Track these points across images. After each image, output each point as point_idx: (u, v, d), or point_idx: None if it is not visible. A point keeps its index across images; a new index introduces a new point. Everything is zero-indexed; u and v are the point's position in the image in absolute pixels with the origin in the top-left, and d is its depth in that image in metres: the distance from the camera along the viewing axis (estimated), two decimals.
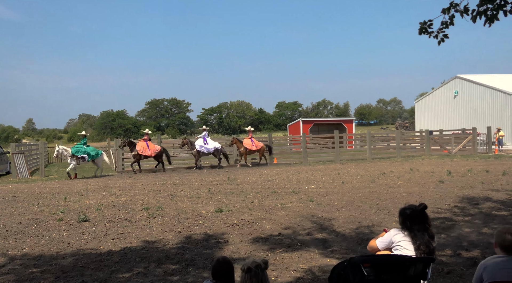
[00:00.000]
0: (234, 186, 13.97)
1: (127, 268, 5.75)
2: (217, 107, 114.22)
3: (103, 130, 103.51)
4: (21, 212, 10.05)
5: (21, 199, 12.45)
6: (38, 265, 5.94)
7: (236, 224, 8.18)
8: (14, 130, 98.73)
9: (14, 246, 7.04)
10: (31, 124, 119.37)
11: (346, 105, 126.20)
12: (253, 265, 3.01)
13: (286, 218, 8.70)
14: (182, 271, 5.55)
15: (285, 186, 13.51)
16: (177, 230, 7.88)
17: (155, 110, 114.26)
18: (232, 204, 10.34)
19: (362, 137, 32.71)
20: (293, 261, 5.82)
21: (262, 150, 23.35)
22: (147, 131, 22.12)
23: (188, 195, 11.99)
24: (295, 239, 7.01)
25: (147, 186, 14.48)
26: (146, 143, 21.12)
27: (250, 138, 23.09)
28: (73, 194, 12.91)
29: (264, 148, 23.48)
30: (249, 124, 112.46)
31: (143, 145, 20.95)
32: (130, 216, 9.18)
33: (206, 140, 22.22)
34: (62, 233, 7.84)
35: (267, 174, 17.84)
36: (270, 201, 10.68)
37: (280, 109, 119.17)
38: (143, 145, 20.94)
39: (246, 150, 22.67)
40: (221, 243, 6.94)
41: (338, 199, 10.79)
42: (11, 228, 8.36)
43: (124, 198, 11.66)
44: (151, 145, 21.32)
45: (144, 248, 6.75)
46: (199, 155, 22.14)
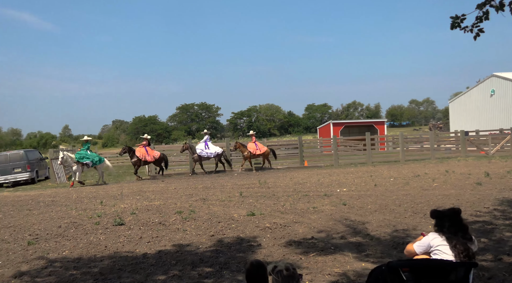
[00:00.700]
0: (265, 189, 13.98)
1: (163, 270, 5.84)
2: (247, 111, 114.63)
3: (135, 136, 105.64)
4: (60, 216, 10.38)
5: (59, 203, 12.86)
6: (78, 268, 6.12)
7: (269, 228, 8.18)
8: (51, 137, 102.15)
9: (54, 249, 7.28)
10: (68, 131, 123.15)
11: (377, 107, 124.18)
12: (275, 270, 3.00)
13: (319, 221, 8.63)
14: (216, 274, 5.59)
15: (316, 189, 13.41)
16: (210, 234, 7.94)
17: (186, 115, 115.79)
18: (264, 208, 10.35)
19: (394, 139, 32.09)
20: (327, 265, 5.77)
21: (266, 154, 23.15)
22: (145, 136, 22.09)
23: (220, 199, 12.08)
24: (328, 242, 6.95)
25: (180, 190, 14.67)
26: (145, 149, 21.15)
27: (254, 142, 22.93)
28: (109, 198, 13.23)
29: (268, 152, 23.27)
30: (278, 127, 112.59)
31: (142, 151, 20.97)
32: (164, 219, 9.32)
33: (207, 145, 22.19)
34: (99, 236, 8.05)
35: (298, 177, 17.75)
36: (302, 204, 10.62)
37: (309, 112, 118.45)
38: (142, 151, 20.96)
39: (250, 154, 22.51)
40: (254, 246, 6.95)
41: (371, 202, 10.62)
42: (51, 231, 8.65)
43: (157, 202, 11.86)
44: (150, 151, 21.37)
45: (178, 251, 6.84)
46: (201, 159, 22.10)
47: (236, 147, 23.13)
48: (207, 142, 22.27)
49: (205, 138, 22.38)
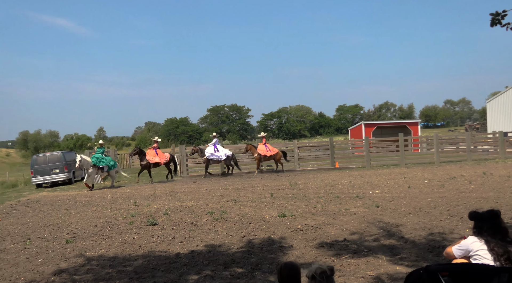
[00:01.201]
0: (296, 190, 13.91)
1: (195, 270, 5.91)
2: (277, 112, 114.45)
3: (167, 137, 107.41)
4: (96, 216, 10.66)
5: (95, 203, 13.22)
6: (113, 266, 6.27)
7: (300, 229, 8.14)
8: (87, 138, 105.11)
9: (91, 247, 7.48)
10: (102, 133, 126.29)
11: (410, 107, 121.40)
12: (317, 272, 2.97)
13: (351, 223, 8.52)
14: (248, 275, 5.60)
15: (348, 191, 13.24)
16: (241, 234, 7.97)
17: (216, 116, 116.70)
18: (295, 209, 10.30)
19: (428, 140, 31.30)
20: (360, 268, 5.68)
21: (278, 156, 22.86)
22: (156, 139, 21.97)
23: (251, 200, 12.11)
24: (361, 245, 6.84)
25: (211, 191, 14.80)
26: (155, 151, 20.96)
27: (264, 144, 22.63)
28: (142, 199, 13.49)
29: (280, 154, 22.96)
30: (309, 128, 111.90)
31: (153, 153, 20.79)
32: (195, 220, 9.42)
33: (216, 147, 21.85)
34: (134, 236, 8.22)
35: (329, 178, 17.59)
36: (333, 206, 10.51)
37: (340, 113, 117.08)
38: (152, 153, 20.78)
39: (260, 156, 22.25)
40: (286, 247, 6.93)
41: (405, 204, 10.39)
42: (87, 230, 8.90)
43: (189, 203, 12.00)
44: (160, 153, 21.18)
45: (210, 251, 6.90)
46: (209, 162, 21.85)
47: (247, 149, 22.97)
48: (216, 145, 21.96)
49: (214, 141, 22.10)
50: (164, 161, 20.89)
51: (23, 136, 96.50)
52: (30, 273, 6.18)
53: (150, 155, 20.64)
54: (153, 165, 20.72)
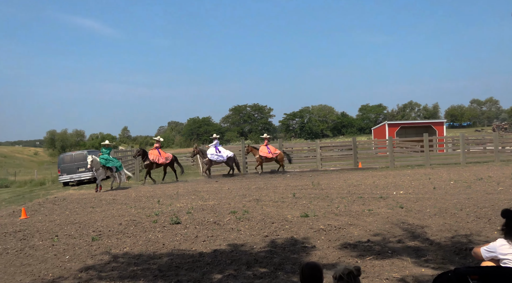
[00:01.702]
0: (319, 190, 13.84)
1: (218, 269, 5.94)
2: (299, 112, 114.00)
3: (190, 137, 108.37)
4: (120, 214, 10.85)
5: (120, 201, 13.44)
6: (138, 264, 6.37)
7: (323, 229, 8.09)
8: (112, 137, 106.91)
9: (116, 245, 7.61)
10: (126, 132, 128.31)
11: (435, 107, 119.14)
12: (345, 273, 2.95)
13: (375, 224, 8.42)
14: (271, 275, 5.60)
15: (371, 191, 13.09)
16: (264, 234, 7.98)
17: (238, 116, 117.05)
18: (318, 209, 10.25)
19: (454, 140, 30.66)
20: (384, 269, 5.61)
21: (280, 157, 22.61)
22: (158, 138, 21.58)
23: (273, 200, 12.10)
24: (385, 246, 6.76)
25: (233, 190, 14.86)
26: (158, 151, 20.47)
27: (266, 145, 22.36)
28: (165, 198, 13.65)
29: (282, 155, 22.73)
30: (331, 128, 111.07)
31: (155, 153, 20.27)
32: (218, 219, 9.48)
33: (218, 149, 21.62)
34: (157, 234, 8.32)
35: (352, 178, 17.42)
36: (356, 207, 10.41)
37: (363, 113, 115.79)
38: (155, 153, 20.25)
39: (261, 158, 21.99)
40: (308, 248, 6.90)
41: (430, 205, 10.20)
42: (112, 228, 9.06)
43: (212, 202, 12.08)
44: (163, 153, 20.71)
45: (233, 250, 6.93)
46: (211, 163, 21.59)
47: (248, 150, 22.72)
48: (217, 146, 21.77)
49: (215, 143, 21.87)
50: (166, 161, 20.40)
51: (50, 135, 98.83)
52: (58, 269, 6.33)
53: (153, 154, 20.15)
54: (156, 165, 20.25)
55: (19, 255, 7.33)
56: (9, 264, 6.76)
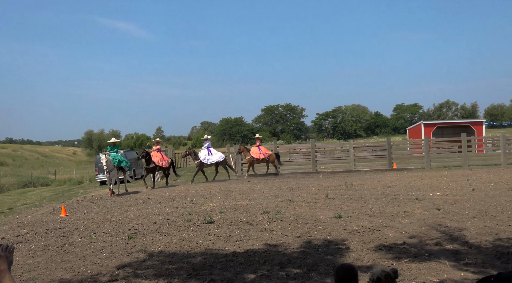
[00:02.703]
0: (352, 191, 13.66)
1: (252, 269, 5.96)
2: (332, 112, 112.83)
3: (222, 137, 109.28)
4: (155, 213, 11.05)
5: (154, 200, 13.70)
6: (172, 262, 6.47)
7: (357, 231, 7.98)
8: (146, 138, 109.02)
9: (151, 244, 7.77)
10: (160, 132, 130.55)
11: (473, 106, 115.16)
12: (382, 275, 2.89)
13: (410, 226, 8.23)
14: (305, 276, 5.57)
15: (407, 193, 12.81)
16: (296, 235, 7.95)
17: (270, 116, 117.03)
18: (351, 210, 10.12)
19: (494, 141, 29.55)
20: (421, 273, 5.47)
21: (272, 158, 22.12)
22: (158, 140, 20.55)
23: (305, 200, 12.03)
24: (422, 248, 6.59)
25: (265, 191, 14.87)
26: (161, 153, 19.49)
27: (258, 146, 21.89)
28: (199, 197, 13.81)
29: (274, 156, 22.22)
30: (364, 128, 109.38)
31: (159, 156, 19.17)
32: (251, 219, 9.51)
33: (210, 151, 20.92)
34: (191, 233, 8.43)
35: (386, 179, 17.10)
36: (391, 208, 10.21)
37: (398, 112, 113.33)
38: (158, 156, 19.13)
39: (252, 159, 21.48)
40: (342, 249, 6.82)
41: (469, 207, 9.88)
42: (148, 226, 9.25)
43: (244, 202, 12.13)
44: (164, 156, 19.74)
45: (266, 251, 6.93)
46: (203, 166, 20.65)
47: (240, 151, 22.29)
48: (210, 148, 21.08)
49: (207, 145, 21.14)
50: (167, 164, 19.52)
51: (88, 135, 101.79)
52: (96, 266, 6.52)
53: (157, 157, 18.98)
54: (159, 168, 19.25)
55: (59, 251, 7.59)
56: (51, 260, 7.02)
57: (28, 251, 7.71)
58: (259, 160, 21.94)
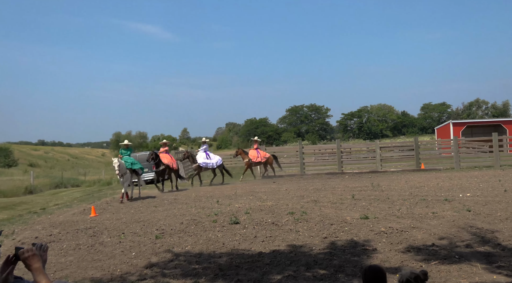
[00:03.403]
0: (379, 192, 13.47)
1: (278, 270, 5.96)
2: (357, 112, 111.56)
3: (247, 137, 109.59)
4: (181, 213, 11.19)
5: (181, 201, 13.86)
6: (199, 262, 6.54)
7: (384, 232, 7.87)
8: (172, 139, 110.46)
9: (178, 244, 7.87)
10: (186, 134, 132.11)
11: (505, 105, 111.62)
12: (411, 277, 2.85)
13: (440, 227, 8.07)
14: (331, 277, 5.54)
15: (435, 193, 12.55)
16: (322, 236, 7.90)
17: (295, 116, 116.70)
18: (378, 211, 9.99)
19: None
20: (451, 275, 5.36)
21: (270, 161, 21.79)
22: (165, 141, 19.67)
23: (331, 201, 11.95)
24: (452, 251, 6.45)
25: (291, 191, 14.84)
26: (170, 155, 18.64)
27: (256, 149, 21.53)
28: (224, 198, 13.90)
29: (272, 159, 21.89)
30: (391, 128, 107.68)
31: (168, 157, 18.20)
32: (276, 220, 9.51)
33: (208, 154, 20.18)
34: (217, 234, 8.50)
35: (414, 180, 16.79)
36: (419, 209, 10.03)
37: (425, 112, 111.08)
38: (168, 157, 18.15)
39: (250, 161, 21.06)
40: (369, 250, 6.75)
41: (501, 209, 9.61)
42: (174, 227, 9.36)
43: (269, 203, 12.14)
44: (172, 157, 18.73)
45: (292, 251, 6.92)
46: (201, 170, 19.88)
47: (237, 154, 21.84)
48: (208, 151, 20.40)
49: (205, 147, 20.45)
50: (177, 166, 18.62)
51: (116, 137, 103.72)
52: (125, 265, 6.65)
53: (166, 158, 18.03)
54: (169, 170, 18.23)
55: (90, 250, 7.78)
56: (82, 259, 7.20)
57: (60, 250, 7.93)
58: (256, 162, 21.62)
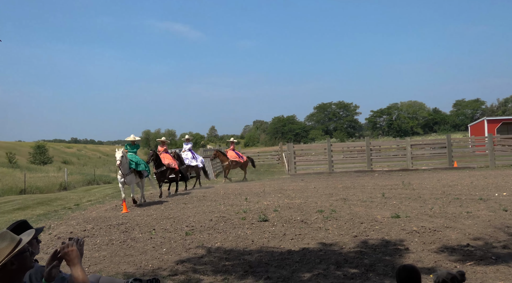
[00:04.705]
0: (410, 191, 13.21)
1: (307, 268, 5.93)
2: (387, 109, 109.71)
3: (275, 135, 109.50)
4: (210, 210, 11.28)
5: (209, 198, 13.98)
6: (229, 259, 6.58)
7: (416, 231, 7.71)
8: (200, 137, 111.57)
9: (208, 240, 7.94)
10: (214, 131, 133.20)
11: None
12: (448, 277, 2.78)
13: (474, 227, 7.84)
14: (362, 276, 5.46)
15: (469, 192, 12.21)
16: (352, 234, 7.81)
17: (323, 114, 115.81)
18: (410, 210, 9.79)
19: None
20: (488, 277, 5.20)
21: (246, 163, 21.24)
22: (163, 139, 17.32)
23: (361, 199, 11.80)
24: (488, 251, 6.26)
25: (319, 189, 14.74)
26: (169, 154, 16.71)
27: (233, 150, 20.72)
28: (252, 195, 13.93)
29: (248, 161, 21.33)
30: (422, 125, 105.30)
31: (169, 157, 16.34)
32: (305, 218, 9.46)
33: (194, 154, 18.99)
34: (246, 231, 8.52)
35: (447, 178, 16.39)
36: (453, 208, 9.78)
37: (458, 108, 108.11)
38: (168, 157, 16.30)
39: (231, 163, 20.11)
40: (401, 250, 6.62)
41: None
42: (204, 224, 9.45)
43: (298, 200, 12.09)
44: (172, 157, 16.65)
45: (321, 250, 6.87)
46: (187, 170, 18.41)
47: (215, 156, 20.62)
48: (192, 151, 19.11)
49: (190, 146, 19.01)
50: (177, 167, 16.61)
51: (145, 135, 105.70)
52: (156, 261, 6.76)
53: (168, 158, 16.16)
54: (170, 171, 16.27)
55: (122, 246, 7.95)
56: (114, 254, 7.36)
57: (94, 245, 8.13)
58: (238, 163, 20.73)
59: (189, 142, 19.27)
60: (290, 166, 24.49)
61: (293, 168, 24.07)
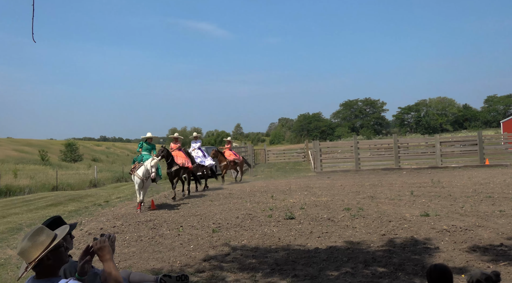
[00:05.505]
0: (440, 189, 12.94)
1: (335, 266, 5.89)
2: (415, 106, 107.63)
3: (300, 133, 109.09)
4: (237, 208, 11.33)
5: (236, 196, 14.05)
6: (255, 257, 6.59)
7: (446, 230, 7.55)
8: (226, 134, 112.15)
9: (234, 238, 7.98)
10: (239, 129, 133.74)
11: None
12: (482, 278, 2.71)
13: (508, 226, 7.61)
14: (391, 275, 5.39)
15: (502, 190, 11.86)
16: (380, 233, 7.71)
17: (349, 111, 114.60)
18: (439, 208, 9.59)
19: None
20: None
21: (243, 163, 20.70)
22: (176, 135, 15.91)
23: (389, 197, 11.63)
24: None
25: (346, 187, 14.60)
26: (183, 153, 15.36)
27: (230, 150, 20.01)
28: (279, 193, 13.92)
29: (243, 161, 20.73)
30: (451, 122, 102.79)
31: (182, 155, 15.01)
32: (332, 215, 9.39)
33: (204, 152, 17.65)
34: (273, 229, 8.52)
35: (478, 176, 15.97)
36: (484, 207, 9.52)
37: (490, 104, 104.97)
38: (182, 155, 14.98)
39: (230, 163, 19.39)
40: (431, 249, 6.49)
41: None
42: (230, 221, 9.50)
43: (324, 198, 12.01)
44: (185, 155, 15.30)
45: (348, 248, 6.81)
46: (198, 170, 17.06)
47: (215, 155, 19.16)
48: (203, 150, 17.75)
49: (199, 145, 17.61)
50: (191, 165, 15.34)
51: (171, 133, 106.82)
52: (184, 257, 6.84)
53: (181, 157, 14.83)
54: (184, 171, 14.94)
55: (151, 242, 8.08)
56: (143, 250, 7.50)
57: (123, 241, 8.29)
58: (235, 163, 20.04)
59: (198, 139, 17.96)
60: (316, 163, 24.35)
61: (319, 165, 23.92)
